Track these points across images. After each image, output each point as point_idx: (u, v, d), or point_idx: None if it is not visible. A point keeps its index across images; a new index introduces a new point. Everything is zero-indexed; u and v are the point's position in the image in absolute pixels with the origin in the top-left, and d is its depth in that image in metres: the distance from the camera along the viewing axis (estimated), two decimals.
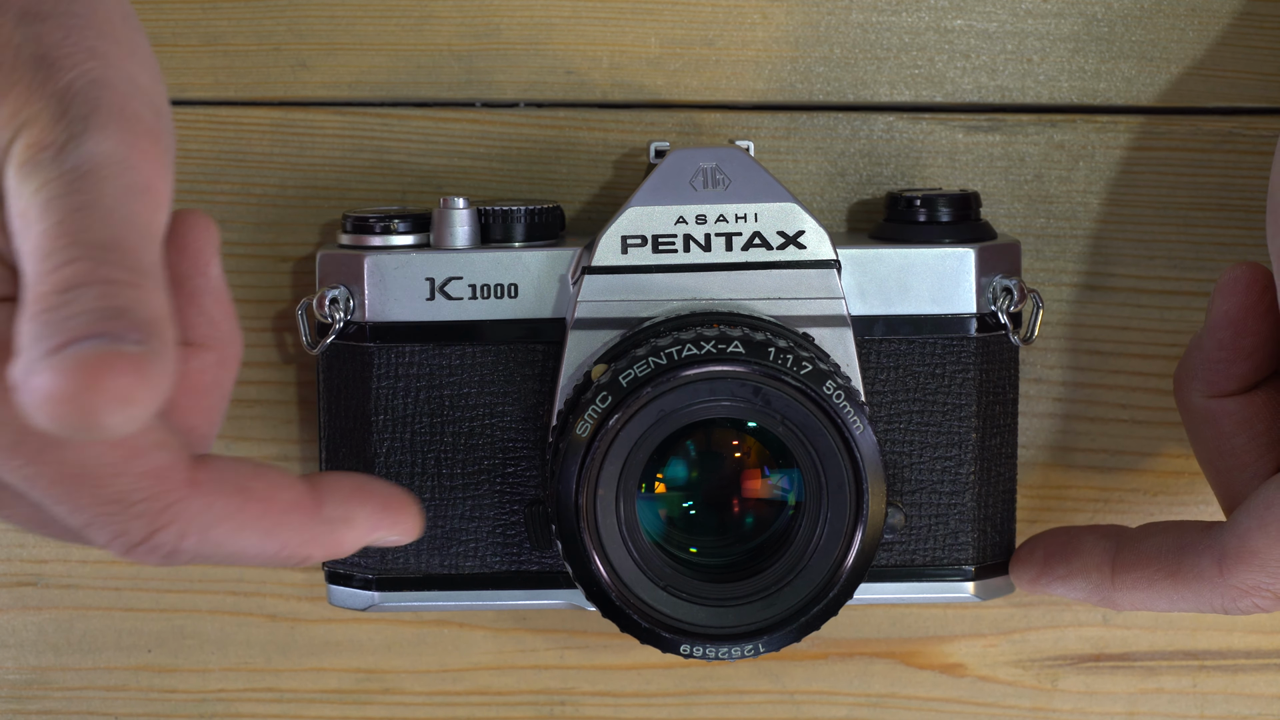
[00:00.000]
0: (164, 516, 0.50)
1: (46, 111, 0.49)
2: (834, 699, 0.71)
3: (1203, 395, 0.61)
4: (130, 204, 0.48)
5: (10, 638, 0.71)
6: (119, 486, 0.49)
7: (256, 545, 0.51)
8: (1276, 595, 0.59)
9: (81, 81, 0.49)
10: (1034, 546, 0.65)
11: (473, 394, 0.64)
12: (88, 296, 0.45)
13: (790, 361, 0.59)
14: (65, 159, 0.48)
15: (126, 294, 0.46)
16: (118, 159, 0.48)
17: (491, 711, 0.71)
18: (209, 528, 0.51)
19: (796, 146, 0.69)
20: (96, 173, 0.48)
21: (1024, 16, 0.68)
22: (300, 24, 0.68)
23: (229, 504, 0.51)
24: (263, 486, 0.52)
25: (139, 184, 0.49)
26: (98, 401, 0.43)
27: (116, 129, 0.49)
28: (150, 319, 0.45)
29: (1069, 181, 0.69)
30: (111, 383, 0.43)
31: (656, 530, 0.62)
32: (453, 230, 0.64)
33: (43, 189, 0.47)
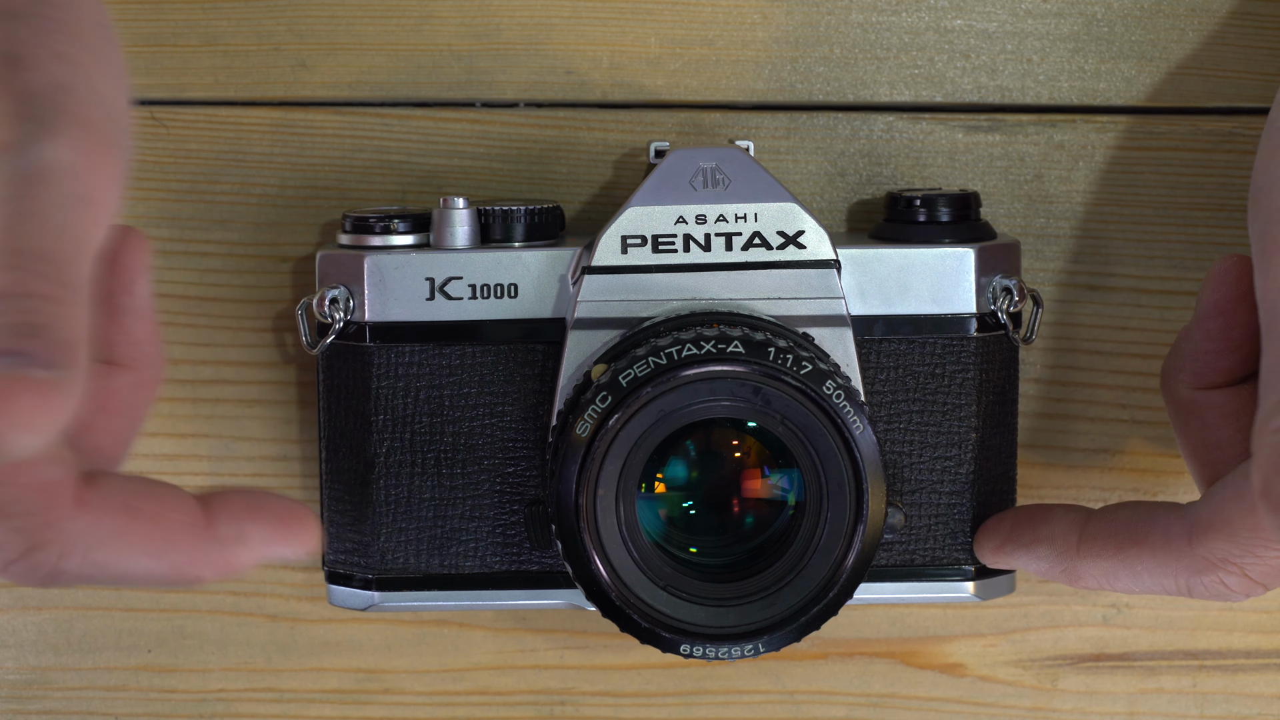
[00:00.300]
0: (44, 534, 0.49)
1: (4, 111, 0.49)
2: (834, 699, 0.71)
3: (1189, 387, 0.61)
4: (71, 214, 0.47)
5: (10, 638, 0.71)
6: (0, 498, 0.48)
7: (143, 566, 0.50)
8: (1243, 572, 0.58)
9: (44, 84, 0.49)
10: (1002, 517, 0.64)
11: (473, 394, 0.64)
12: (9, 309, 0.45)
13: (790, 361, 0.59)
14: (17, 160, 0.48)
15: (48, 310, 0.45)
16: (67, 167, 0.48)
17: (491, 711, 0.71)
18: (93, 549, 0.50)
19: (796, 146, 0.69)
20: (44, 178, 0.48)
21: (1024, 16, 0.68)
22: (300, 24, 0.68)
23: (115, 524, 0.50)
24: (153, 507, 0.51)
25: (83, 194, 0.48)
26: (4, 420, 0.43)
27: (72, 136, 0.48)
28: (67, 340, 0.45)
29: (1069, 181, 0.69)
30: (14, 407, 0.43)
31: (656, 530, 0.62)
32: (453, 230, 0.64)
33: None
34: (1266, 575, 0.58)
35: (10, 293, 0.45)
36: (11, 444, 0.43)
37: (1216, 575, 0.58)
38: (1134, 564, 0.60)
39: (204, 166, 0.68)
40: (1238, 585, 0.58)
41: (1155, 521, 0.59)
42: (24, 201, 0.47)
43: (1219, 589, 0.58)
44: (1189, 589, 0.59)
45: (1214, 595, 0.59)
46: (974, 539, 0.65)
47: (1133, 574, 0.60)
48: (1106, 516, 0.61)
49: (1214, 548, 0.57)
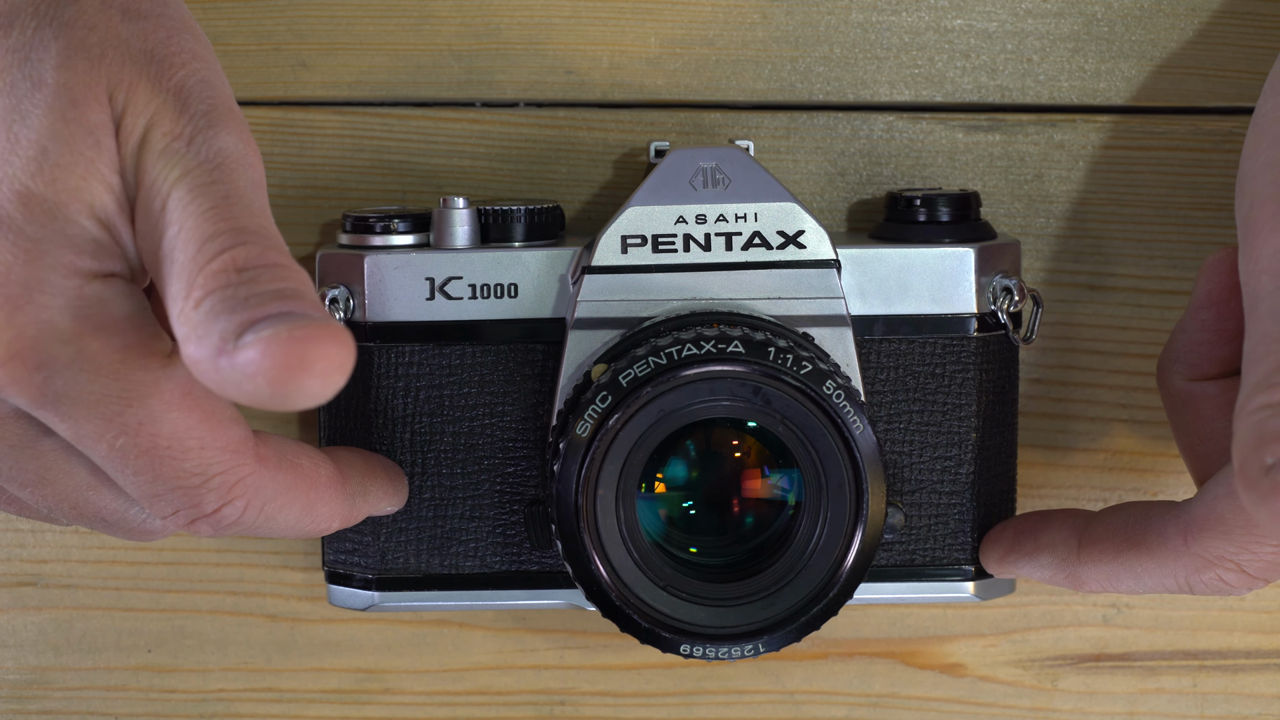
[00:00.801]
0: (235, 490, 0.53)
1: (170, 107, 0.52)
2: (834, 699, 0.71)
3: (1184, 378, 0.61)
4: (260, 196, 0.52)
5: (10, 638, 0.71)
6: (203, 459, 0.52)
7: (295, 519, 0.56)
8: (1240, 569, 0.58)
9: (192, 80, 0.53)
10: (1004, 527, 0.65)
11: (473, 394, 0.64)
12: (265, 277, 0.48)
13: (790, 361, 0.59)
14: (198, 149, 0.51)
15: (296, 277, 0.49)
16: (240, 154, 0.52)
17: (491, 711, 0.71)
18: (267, 501, 0.54)
19: (796, 146, 0.69)
20: (228, 165, 0.51)
21: (1024, 16, 0.68)
22: (300, 24, 0.68)
23: (285, 479, 0.55)
24: (307, 464, 0.56)
25: (259, 180, 0.52)
26: (309, 372, 0.47)
27: (234, 125, 0.52)
28: (317, 301, 0.49)
29: (1069, 181, 0.69)
30: (323, 353, 0.47)
31: (656, 530, 0.62)
32: (453, 230, 0.64)
33: (186, 177, 0.51)
34: (1264, 570, 0.58)
35: (258, 264, 0.49)
36: (317, 391, 0.47)
37: (1215, 573, 0.58)
38: (1133, 566, 0.60)
39: None
40: (1237, 581, 0.58)
41: (1151, 523, 0.60)
42: (224, 186, 0.51)
43: (1219, 585, 0.59)
44: (1190, 587, 0.59)
45: (1215, 592, 0.59)
46: (979, 550, 0.65)
47: (1134, 576, 0.60)
48: (1104, 520, 0.61)
49: (1209, 546, 0.58)
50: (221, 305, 0.48)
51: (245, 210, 0.50)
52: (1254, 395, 0.52)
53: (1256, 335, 0.53)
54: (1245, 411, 0.51)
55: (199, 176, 0.51)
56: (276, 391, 0.47)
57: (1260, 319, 0.54)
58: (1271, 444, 0.50)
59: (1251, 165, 0.57)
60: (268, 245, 0.50)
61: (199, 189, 0.50)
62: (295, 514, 0.56)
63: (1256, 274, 0.55)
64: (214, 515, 0.53)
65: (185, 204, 0.50)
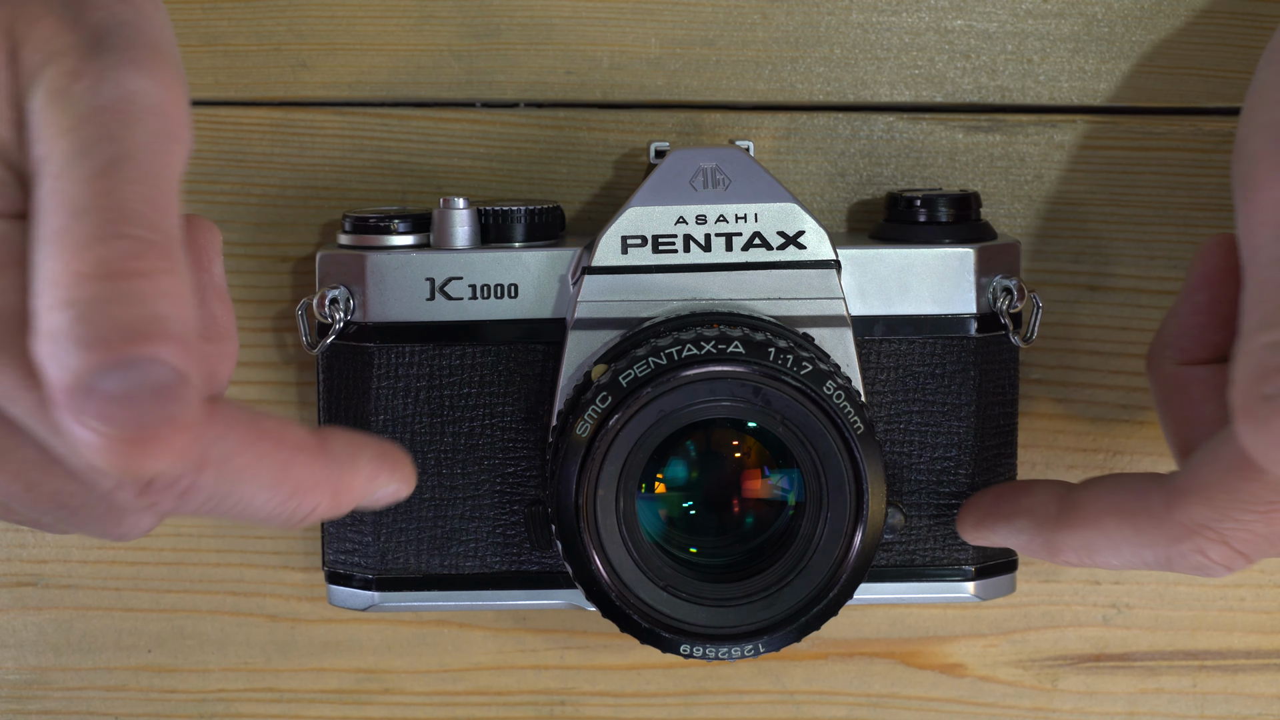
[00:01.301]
0: None
1: (80, 44, 0.48)
2: (834, 699, 0.71)
3: (1174, 362, 0.61)
4: (162, 153, 0.47)
5: (10, 638, 0.71)
6: None
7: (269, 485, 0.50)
8: (1223, 539, 0.56)
9: (113, 22, 0.49)
10: (984, 493, 0.64)
11: (473, 394, 0.64)
12: (127, 298, 0.45)
13: (790, 361, 0.59)
14: (100, 93, 0.47)
15: (163, 289, 0.45)
16: (152, 100, 0.48)
17: (491, 711, 0.71)
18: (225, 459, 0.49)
19: (796, 146, 0.69)
20: (131, 113, 0.47)
21: (1024, 16, 0.68)
22: (300, 24, 0.68)
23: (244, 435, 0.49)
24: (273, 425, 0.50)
25: (170, 129, 0.48)
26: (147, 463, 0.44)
27: (151, 66, 0.48)
28: (183, 320, 0.45)
29: (1069, 181, 0.69)
30: (163, 446, 0.44)
31: (656, 530, 0.62)
32: (453, 230, 0.64)
33: (77, 127, 0.47)
34: (1248, 544, 0.57)
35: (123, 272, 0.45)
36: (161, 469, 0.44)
37: (1195, 543, 0.57)
38: (1113, 534, 0.59)
39: (204, 166, 0.68)
40: (1218, 555, 0.57)
41: (1135, 491, 0.58)
42: (116, 145, 0.46)
43: (1198, 559, 0.57)
44: (1168, 560, 0.58)
45: (1194, 567, 0.58)
46: (956, 518, 0.64)
47: (1111, 544, 0.59)
48: (1087, 488, 0.60)
49: (1192, 513, 0.56)
50: (74, 329, 0.44)
51: (133, 177, 0.46)
52: (1254, 335, 0.51)
53: (1257, 283, 0.53)
54: (1245, 351, 0.51)
55: (90, 131, 0.47)
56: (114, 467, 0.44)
57: (1260, 268, 0.53)
58: (1271, 376, 0.50)
59: (1250, 128, 0.57)
60: (145, 239, 0.45)
61: (86, 147, 0.46)
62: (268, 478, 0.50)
63: (1255, 227, 0.55)
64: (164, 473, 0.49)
65: (70, 162, 0.46)
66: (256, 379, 0.69)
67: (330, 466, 0.51)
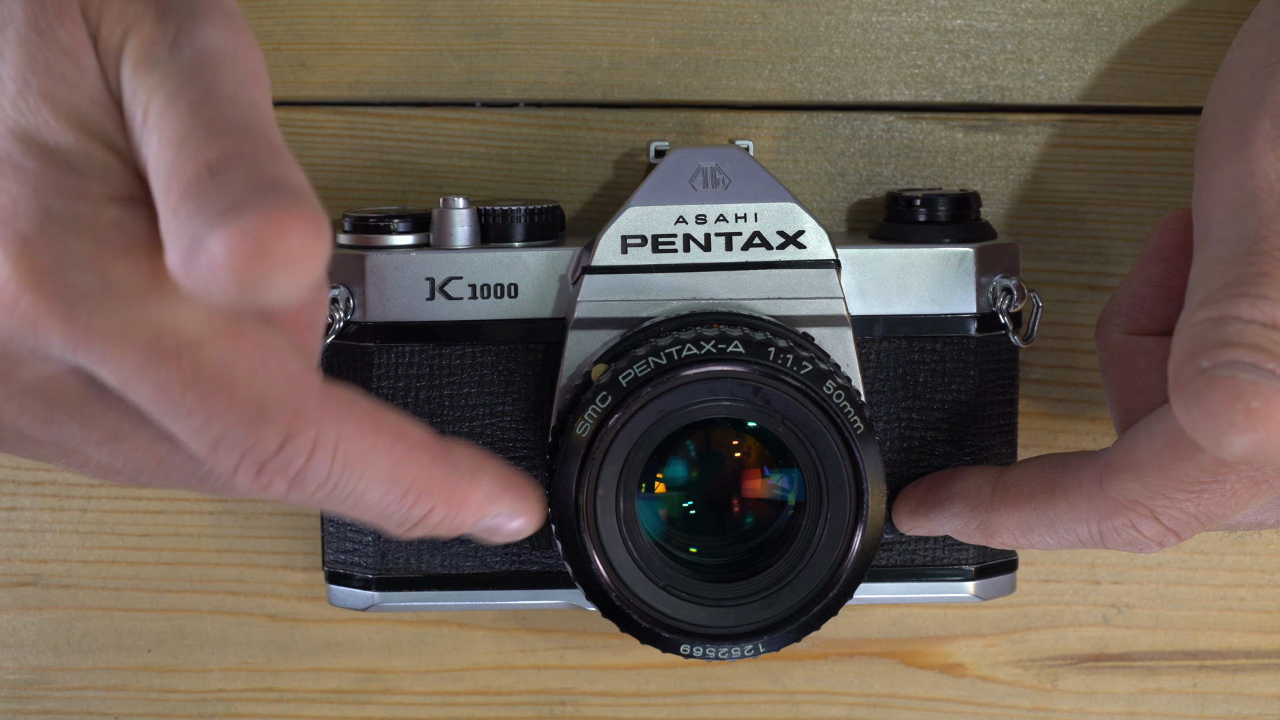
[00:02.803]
0: (299, 422, 0.48)
1: (151, 10, 0.49)
2: (834, 699, 0.71)
3: (1123, 331, 0.61)
4: (249, 90, 0.48)
5: (10, 638, 0.71)
6: (255, 387, 0.48)
7: (385, 476, 0.50)
8: (1154, 515, 0.56)
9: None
10: (918, 483, 0.64)
11: (473, 394, 0.64)
12: (239, 169, 0.45)
13: (790, 361, 0.59)
14: (180, 51, 0.49)
15: (275, 165, 0.46)
16: (228, 48, 0.49)
17: (491, 711, 0.71)
18: (342, 441, 0.49)
19: (796, 146, 0.69)
20: (213, 62, 0.48)
21: (1024, 16, 0.68)
22: (300, 24, 0.68)
23: (362, 423, 0.49)
24: (394, 419, 0.50)
25: (251, 71, 0.49)
26: (275, 259, 0.44)
27: (221, 19, 0.50)
28: (302, 187, 0.46)
29: (1069, 181, 0.69)
30: (287, 238, 0.44)
31: (656, 530, 0.62)
32: (453, 230, 0.64)
33: (165, 82, 0.48)
34: (1179, 521, 0.57)
35: (233, 157, 0.46)
36: (288, 281, 0.44)
37: (1127, 518, 0.57)
38: (1046, 511, 0.59)
39: None
40: (1150, 531, 0.57)
41: (1068, 468, 0.59)
42: (203, 85, 0.48)
43: (1131, 534, 0.57)
44: (1101, 535, 0.58)
45: (1127, 542, 0.58)
46: (892, 510, 0.64)
47: (1046, 522, 0.59)
48: (1019, 468, 0.61)
49: (1123, 488, 0.56)
50: (193, 206, 0.45)
51: (224, 105, 0.48)
52: (1197, 311, 0.51)
53: (1204, 260, 0.53)
54: (1186, 326, 0.51)
55: (177, 80, 0.48)
56: (242, 287, 0.44)
57: (1210, 245, 0.54)
58: (1209, 350, 0.50)
59: (1214, 107, 0.58)
60: (244, 135, 0.47)
61: (176, 93, 0.48)
62: (385, 471, 0.49)
63: (1210, 205, 0.55)
64: (280, 455, 0.48)
65: (163, 111, 0.48)
66: None
67: (451, 472, 0.51)
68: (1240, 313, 0.51)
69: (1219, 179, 0.55)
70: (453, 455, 0.51)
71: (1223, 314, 0.51)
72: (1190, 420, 0.49)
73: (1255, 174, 0.54)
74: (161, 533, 0.70)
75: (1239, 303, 0.51)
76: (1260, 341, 0.50)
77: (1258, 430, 0.49)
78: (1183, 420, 0.50)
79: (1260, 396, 0.49)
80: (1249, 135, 0.55)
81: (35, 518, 0.70)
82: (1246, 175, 0.54)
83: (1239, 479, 0.55)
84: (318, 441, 0.48)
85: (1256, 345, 0.50)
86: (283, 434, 0.48)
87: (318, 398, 0.48)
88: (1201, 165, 0.56)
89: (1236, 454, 0.49)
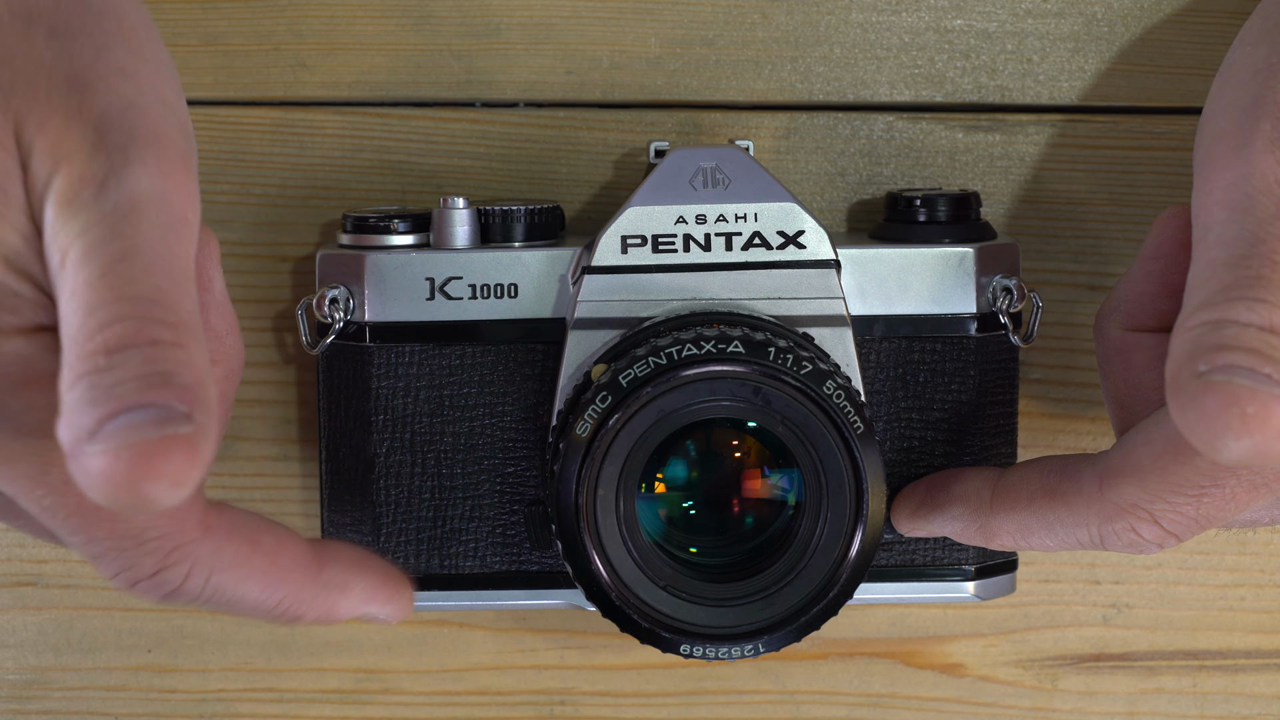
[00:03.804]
0: (173, 556, 0.51)
1: (85, 143, 0.49)
2: (834, 699, 0.71)
3: (1121, 327, 0.61)
4: (169, 244, 0.49)
5: (10, 638, 0.71)
6: (134, 524, 0.50)
7: (255, 596, 0.53)
8: (1154, 519, 0.57)
9: (116, 107, 0.50)
10: (916, 485, 0.64)
11: (473, 394, 0.64)
12: (134, 361, 0.46)
13: (790, 361, 0.59)
14: (106, 197, 0.48)
15: (172, 356, 0.47)
16: (156, 194, 0.49)
17: (491, 711, 0.71)
18: (214, 572, 0.52)
19: (796, 146, 0.69)
20: (136, 212, 0.48)
21: (1024, 16, 0.68)
22: (300, 24, 0.68)
23: (237, 553, 0.52)
24: (270, 541, 0.53)
25: (175, 219, 0.49)
26: (151, 486, 0.45)
27: (153, 159, 0.49)
28: (195, 383, 0.46)
29: (1069, 181, 0.69)
30: (165, 468, 0.45)
31: (656, 530, 0.63)
32: (453, 230, 0.64)
33: (85, 232, 0.48)
34: (1178, 525, 0.57)
35: (130, 344, 0.46)
36: (163, 501, 0.45)
37: (1127, 522, 0.57)
38: (1046, 514, 0.59)
39: (204, 166, 0.68)
40: (1150, 534, 0.57)
41: (1067, 471, 0.59)
42: (122, 242, 0.48)
43: (1131, 537, 0.57)
44: (1101, 538, 0.58)
45: (1127, 545, 0.58)
46: (890, 512, 0.64)
47: (1045, 525, 0.59)
48: (1019, 471, 0.61)
49: (1124, 492, 0.57)
50: (84, 394, 0.46)
51: (140, 271, 0.47)
52: (1194, 314, 0.51)
53: (1202, 262, 0.53)
54: (1184, 329, 0.51)
55: (97, 234, 0.48)
56: (115, 500, 0.45)
57: (1208, 247, 0.54)
58: (1206, 354, 0.50)
59: (1214, 107, 0.58)
60: (148, 317, 0.47)
61: (92, 249, 0.48)
62: (253, 591, 0.53)
63: (1209, 206, 0.55)
64: (154, 579, 0.51)
65: (79, 265, 0.48)
66: (257, 379, 0.69)
67: (320, 590, 0.55)
68: (1237, 316, 0.51)
69: (1218, 180, 0.55)
70: (325, 571, 0.55)
71: (1220, 317, 0.51)
72: (1187, 424, 0.49)
73: (1254, 176, 0.54)
74: None
75: (1236, 306, 0.51)
76: (1256, 345, 0.50)
77: (1254, 435, 0.49)
78: (1179, 424, 0.50)
79: (1256, 401, 0.49)
80: (1248, 137, 0.55)
81: None
82: (1245, 177, 0.54)
83: (1238, 483, 0.55)
84: (191, 572, 0.52)
85: (1253, 349, 0.50)
86: (158, 564, 0.51)
87: (196, 532, 0.51)
88: (1201, 166, 0.56)
89: (1233, 459, 0.49)
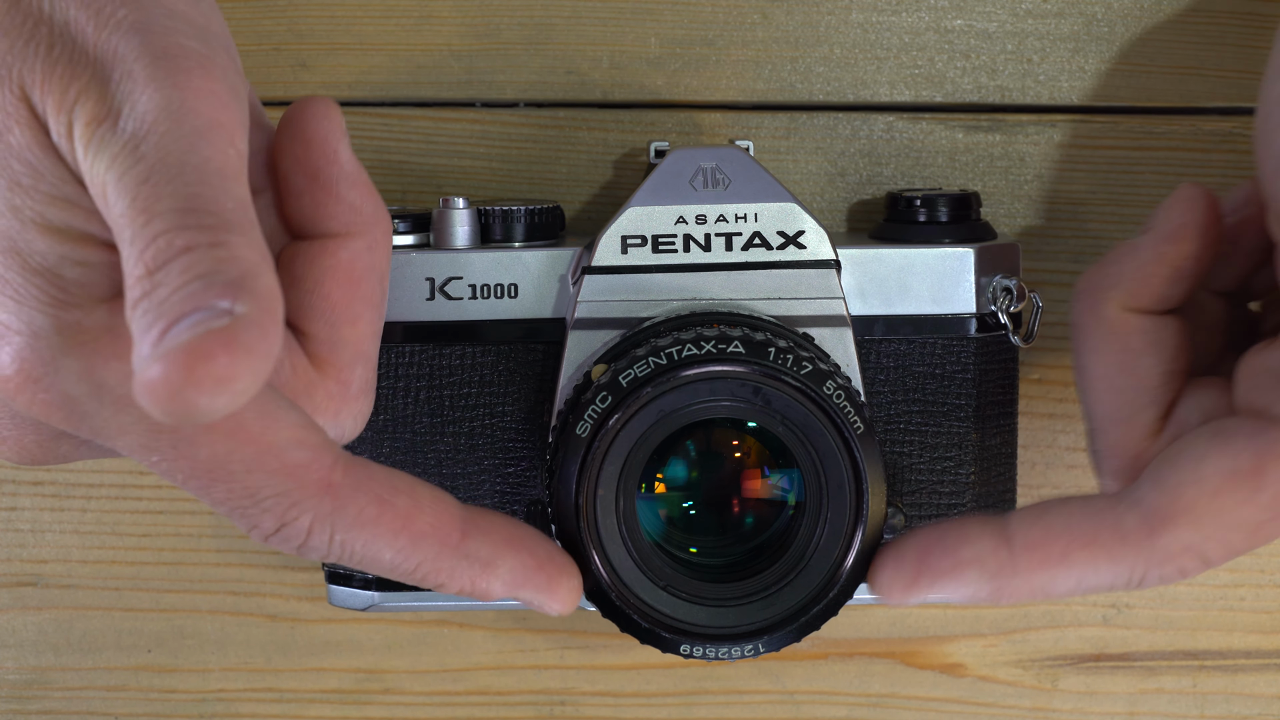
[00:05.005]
0: (291, 512, 0.50)
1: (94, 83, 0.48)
2: (834, 699, 0.71)
3: (1121, 306, 0.58)
4: (198, 149, 0.48)
5: (10, 638, 0.71)
6: (249, 482, 0.50)
7: (388, 558, 0.52)
8: (1204, 558, 0.55)
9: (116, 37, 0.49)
10: (901, 547, 0.57)
11: (473, 394, 0.64)
12: (173, 274, 0.45)
13: (790, 361, 0.59)
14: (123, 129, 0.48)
15: (210, 257, 0.45)
16: (173, 108, 0.48)
17: (491, 711, 0.71)
18: (338, 531, 0.51)
19: (796, 146, 0.69)
20: (154, 132, 0.48)
21: (1024, 16, 0.68)
22: (300, 24, 0.68)
23: (363, 513, 0.51)
24: (406, 504, 0.52)
25: (200, 125, 0.48)
26: (194, 392, 0.44)
27: (165, 75, 0.48)
28: (239, 276, 0.45)
29: (1069, 181, 0.69)
30: (207, 369, 0.44)
31: (656, 530, 0.62)
32: (453, 230, 0.64)
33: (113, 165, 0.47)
34: (1224, 556, 0.55)
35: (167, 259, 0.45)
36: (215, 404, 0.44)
37: (1177, 565, 0.55)
38: (1084, 567, 0.55)
39: None
40: (1195, 569, 0.55)
41: (1102, 519, 0.56)
42: (144, 165, 0.47)
43: (1175, 576, 0.55)
44: (1143, 580, 0.56)
45: (1165, 581, 0.56)
46: (869, 576, 0.59)
47: (1077, 577, 0.56)
48: (1035, 522, 0.56)
49: (1179, 537, 0.54)
50: (139, 323, 0.45)
51: (165, 186, 0.47)
52: None
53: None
54: None
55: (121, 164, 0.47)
56: (172, 416, 0.44)
57: None
58: None
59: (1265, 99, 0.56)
60: (181, 226, 0.46)
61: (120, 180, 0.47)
62: (386, 553, 0.52)
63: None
64: (278, 534, 0.51)
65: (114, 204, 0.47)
66: None
67: (460, 561, 0.53)
68: None
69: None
70: (467, 544, 0.53)
71: None
72: None
73: None
74: (161, 533, 0.70)
75: None
76: None
77: None
78: None
79: None
80: None
81: (35, 518, 0.70)
82: None
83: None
84: (312, 529, 0.51)
85: None
86: (278, 521, 0.51)
87: (315, 489, 0.51)
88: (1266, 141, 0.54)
89: None
